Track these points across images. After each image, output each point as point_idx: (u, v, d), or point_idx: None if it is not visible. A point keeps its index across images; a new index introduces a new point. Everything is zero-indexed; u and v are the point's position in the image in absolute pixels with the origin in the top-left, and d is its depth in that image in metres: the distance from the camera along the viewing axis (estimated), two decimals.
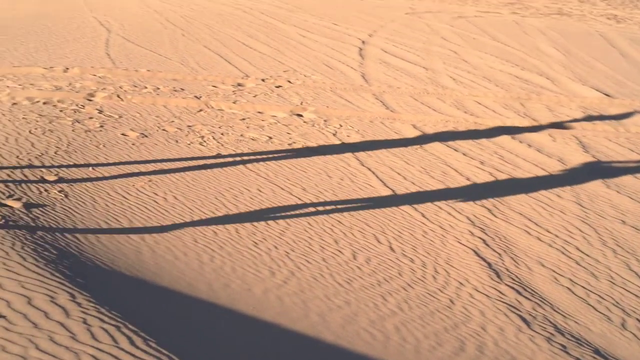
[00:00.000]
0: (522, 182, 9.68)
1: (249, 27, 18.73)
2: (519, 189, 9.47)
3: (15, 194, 7.44)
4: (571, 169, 10.33)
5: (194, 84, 13.03)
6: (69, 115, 10.52)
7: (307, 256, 7.20)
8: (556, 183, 9.78)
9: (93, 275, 5.93)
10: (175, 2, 21.75)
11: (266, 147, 10.11)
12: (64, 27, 17.71)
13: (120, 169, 8.76)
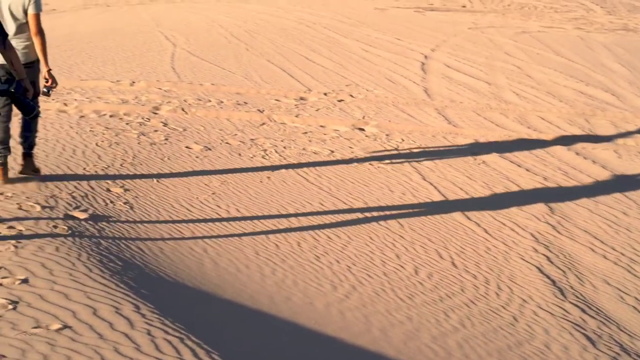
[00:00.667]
0: (587, 199, 9.55)
1: (312, 41, 18.82)
2: (584, 205, 9.35)
3: (81, 206, 7.57)
4: (637, 185, 10.16)
5: (257, 97, 13.13)
6: (135, 128, 10.67)
7: (369, 270, 7.19)
8: (622, 200, 9.63)
9: (157, 286, 5.99)
10: (240, 16, 21.95)
11: (328, 161, 10.14)
12: (131, 42, 18.00)
13: (184, 182, 8.85)
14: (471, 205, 9.07)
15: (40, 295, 5.31)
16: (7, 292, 5.33)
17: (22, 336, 4.75)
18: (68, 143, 9.58)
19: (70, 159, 8.99)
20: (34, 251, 6.08)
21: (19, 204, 7.25)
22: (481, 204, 9.16)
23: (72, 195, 7.81)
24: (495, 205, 9.14)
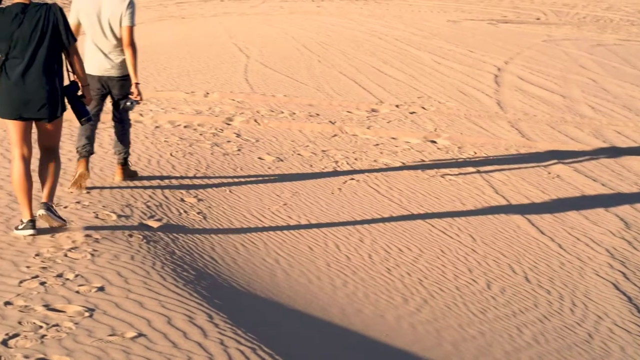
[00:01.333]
0: None
1: (383, 53, 18.81)
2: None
3: (156, 215, 7.67)
4: None
5: (329, 109, 13.17)
6: (208, 138, 10.79)
7: (441, 284, 7.14)
8: None
9: (230, 296, 6.03)
10: (312, 29, 22.06)
11: (399, 173, 10.11)
12: (205, 53, 18.22)
13: (256, 192, 8.91)
14: (545, 220, 8.94)
15: (116, 303, 5.39)
16: (83, 299, 5.43)
17: (98, 343, 4.83)
18: (143, 153, 9.73)
19: (145, 168, 9.13)
20: (110, 259, 6.18)
21: (96, 212, 7.38)
22: (555, 218, 9.03)
23: (147, 204, 7.93)
24: (569, 220, 9.00)
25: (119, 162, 8.52)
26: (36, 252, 6.27)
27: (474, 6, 30.15)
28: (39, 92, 6.57)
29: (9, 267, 5.96)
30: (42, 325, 5.03)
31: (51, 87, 6.62)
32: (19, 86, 6.55)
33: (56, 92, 6.65)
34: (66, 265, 6.02)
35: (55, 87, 6.65)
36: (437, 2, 30.53)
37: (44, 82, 6.58)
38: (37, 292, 5.51)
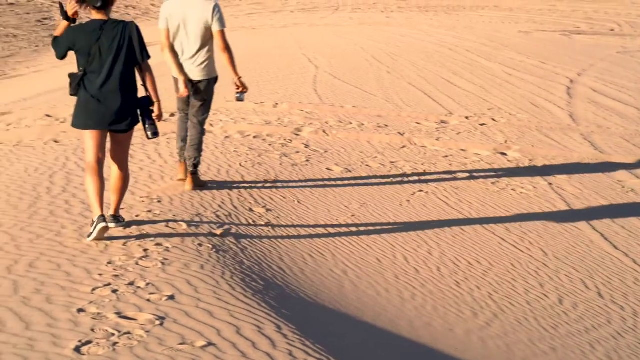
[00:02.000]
0: None
1: (453, 64, 18.69)
2: None
3: (225, 225, 7.71)
4: None
5: (397, 120, 13.11)
6: (277, 149, 10.83)
7: (511, 298, 7.04)
8: None
9: (298, 307, 6.03)
10: (382, 39, 22.03)
11: (469, 186, 10.01)
12: (275, 64, 18.32)
13: (325, 203, 8.91)
14: (618, 234, 8.77)
15: (186, 312, 5.43)
16: (154, 308, 5.48)
17: (168, 352, 4.87)
18: (213, 163, 9.81)
19: (214, 178, 9.20)
20: (180, 268, 6.23)
21: (166, 221, 7.46)
22: (629, 233, 8.84)
23: (217, 214, 7.98)
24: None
25: (188, 169, 8.57)
26: (108, 260, 6.35)
27: (546, 17, 29.79)
28: (115, 105, 6.80)
29: (82, 274, 6.05)
30: (114, 332, 5.09)
31: (126, 100, 6.85)
32: (96, 99, 6.78)
33: (130, 106, 6.89)
34: (137, 273, 6.09)
35: (130, 100, 6.89)
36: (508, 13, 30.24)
37: (119, 96, 6.81)
38: (109, 300, 5.58)
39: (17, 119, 12.36)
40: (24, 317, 5.33)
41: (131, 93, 6.90)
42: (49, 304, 5.52)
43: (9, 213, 7.63)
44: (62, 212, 7.64)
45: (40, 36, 24.05)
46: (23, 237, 6.94)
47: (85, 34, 6.77)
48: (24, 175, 9.00)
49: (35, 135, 11.10)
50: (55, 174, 9.01)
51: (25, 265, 6.25)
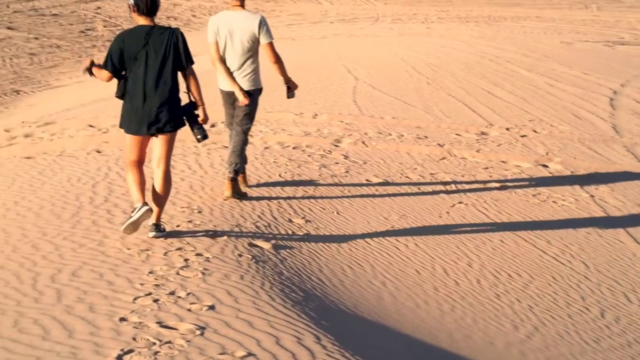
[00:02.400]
0: None
1: (494, 75, 18.60)
2: None
3: (265, 235, 7.75)
4: None
5: (437, 131, 13.08)
6: (317, 160, 10.86)
7: (552, 311, 6.99)
8: None
9: (337, 318, 6.04)
10: (422, 50, 21.99)
11: (509, 197, 9.96)
12: (315, 75, 18.36)
13: (364, 215, 8.91)
14: None
15: (226, 322, 5.46)
16: (195, 317, 5.52)
17: None
18: (253, 174, 9.85)
19: (254, 189, 9.24)
20: (220, 279, 6.27)
21: (207, 232, 7.51)
22: None
23: (256, 224, 8.02)
24: None
25: (229, 174, 8.64)
26: (150, 269, 6.41)
27: (588, 27, 29.57)
28: (159, 109, 7.00)
29: (124, 283, 6.11)
30: (155, 342, 5.14)
31: (169, 104, 7.04)
32: (140, 103, 7.00)
33: (173, 110, 7.07)
34: (178, 283, 6.14)
35: (173, 104, 7.07)
36: (550, 23, 30.05)
37: (163, 100, 7.01)
38: (151, 309, 5.63)
39: (61, 129, 12.52)
40: (67, 326, 5.39)
41: (174, 97, 7.08)
42: (92, 313, 5.58)
43: (53, 222, 7.74)
44: (104, 222, 7.72)
45: (83, 47, 24.34)
46: (66, 246, 7.03)
47: (133, 39, 7.00)
48: (67, 185, 9.12)
49: (78, 145, 11.24)
50: (98, 184, 9.12)
51: (68, 274, 6.33)
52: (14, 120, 14.92)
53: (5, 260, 6.79)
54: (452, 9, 31.84)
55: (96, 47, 24.49)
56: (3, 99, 18.75)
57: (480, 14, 30.62)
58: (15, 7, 28.91)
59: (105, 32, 26.29)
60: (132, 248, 6.92)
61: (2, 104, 18.37)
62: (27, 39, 24.68)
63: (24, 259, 6.76)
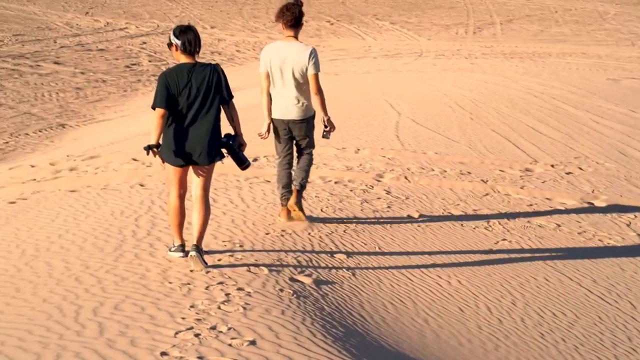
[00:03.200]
0: None
1: (538, 111, 18.47)
2: None
3: (306, 270, 7.72)
4: None
5: (480, 167, 13.00)
6: (358, 195, 10.82)
7: (598, 352, 6.86)
8: None
9: (378, 355, 5.98)
10: (466, 85, 21.93)
11: (554, 235, 9.83)
12: (358, 110, 18.37)
13: (405, 251, 8.85)
14: None
15: (267, 357, 5.43)
16: (236, 352, 5.49)
17: None
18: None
19: (296, 224, 9.21)
20: (261, 313, 6.25)
21: (248, 266, 7.49)
22: None
23: (298, 259, 7.99)
24: None
25: (295, 187, 8.92)
26: (191, 303, 6.41)
27: (636, 65, 29.28)
28: (200, 140, 7.33)
29: (166, 317, 6.11)
30: None
31: (211, 136, 7.37)
32: (183, 135, 7.33)
33: (214, 141, 7.40)
34: (219, 317, 6.12)
35: (214, 136, 7.40)
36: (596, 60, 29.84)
37: (204, 132, 7.35)
38: (192, 344, 5.62)
39: (105, 163, 12.64)
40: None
41: (214, 130, 7.39)
42: (133, 347, 5.58)
43: (96, 255, 7.78)
44: (147, 255, 7.75)
45: (128, 81, 24.65)
46: (108, 279, 7.06)
47: (177, 76, 7.32)
48: (111, 218, 9.18)
49: (122, 178, 11.33)
50: (141, 217, 9.17)
51: (110, 308, 6.34)
52: (59, 153, 15.11)
53: (48, 293, 6.84)
54: (496, 45, 31.76)
55: (141, 81, 24.78)
56: (49, 133, 19.01)
57: (524, 50, 30.50)
58: (62, 42, 29.39)
59: (150, 67, 26.60)
60: (173, 282, 6.93)
61: (48, 137, 18.63)
62: (74, 74, 25.05)
63: (66, 292, 6.79)
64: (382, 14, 38.42)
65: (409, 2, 41.95)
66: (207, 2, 39.40)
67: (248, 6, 39.05)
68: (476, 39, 33.35)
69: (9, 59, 26.19)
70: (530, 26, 36.03)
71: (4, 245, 8.49)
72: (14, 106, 21.18)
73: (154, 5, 38.01)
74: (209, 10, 37.43)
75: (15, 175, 12.67)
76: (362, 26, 35.31)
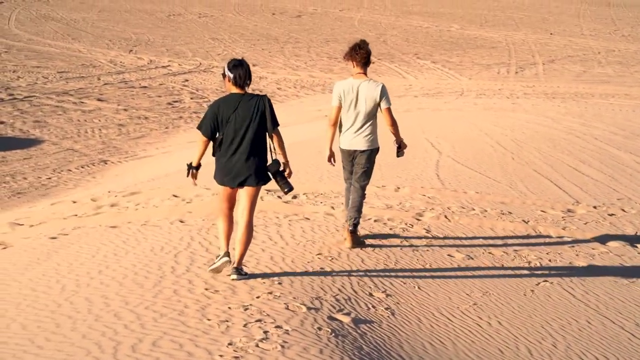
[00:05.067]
0: None
1: (581, 152, 18.32)
2: None
3: (345, 309, 7.67)
4: None
5: (522, 207, 12.89)
6: (398, 233, 10.77)
7: None
8: None
9: None
10: (507, 125, 21.83)
11: (597, 277, 9.69)
12: None
13: (445, 290, 8.77)
14: None
15: None
16: None
17: None
18: (334, 246, 9.82)
19: (335, 261, 9.19)
20: (299, 352, 6.21)
21: (286, 304, 7.47)
22: None
23: (336, 297, 7.95)
24: None
25: (349, 228, 9.59)
26: (229, 341, 6.39)
27: None
28: (246, 165, 8.02)
29: (204, 355, 6.09)
30: None
31: (256, 161, 8.05)
32: (231, 160, 8.05)
33: (259, 166, 8.08)
34: (257, 355, 6.10)
35: (259, 162, 8.08)
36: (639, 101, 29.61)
37: (250, 157, 8.04)
38: None
39: (146, 199, 12.73)
40: None
41: (260, 155, 8.08)
42: None
43: (135, 291, 7.81)
44: (186, 292, 7.76)
45: (170, 118, 24.89)
46: (147, 315, 7.07)
47: (226, 105, 8.04)
48: (150, 254, 9.22)
49: (162, 214, 11.39)
50: (180, 254, 9.19)
51: (149, 344, 6.35)
52: (101, 189, 15.25)
53: (87, 329, 6.86)
54: (538, 84, 31.64)
55: (182, 118, 25.01)
56: (91, 169, 19.22)
57: (567, 91, 30.34)
58: (106, 79, 29.80)
59: (192, 104, 26.86)
60: (212, 319, 6.92)
61: (90, 173, 18.83)
62: (117, 110, 25.36)
63: (106, 328, 6.81)
64: (423, 53, 38.51)
65: (450, 41, 42.03)
66: (249, 41, 39.80)
67: (290, 45, 39.37)
68: (518, 78, 33.26)
69: (53, 95, 26.60)
70: (572, 67, 35.87)
71: (45, 280, 8.56)
72: (57, 142, 21.48)
73: (197, 43, 38.46)
74: (251, 48, 37.79)
75: (57, 211, 12.80)
76: (403, 65, 35.41)
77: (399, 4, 55.93)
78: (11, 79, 28.56)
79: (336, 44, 39.86)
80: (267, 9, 51.06)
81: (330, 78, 32.09)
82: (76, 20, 42.63)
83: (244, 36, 41.02)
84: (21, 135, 21.92)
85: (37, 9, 45.24)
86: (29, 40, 36.26)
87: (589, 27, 47.55)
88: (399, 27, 45.86)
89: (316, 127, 21.30)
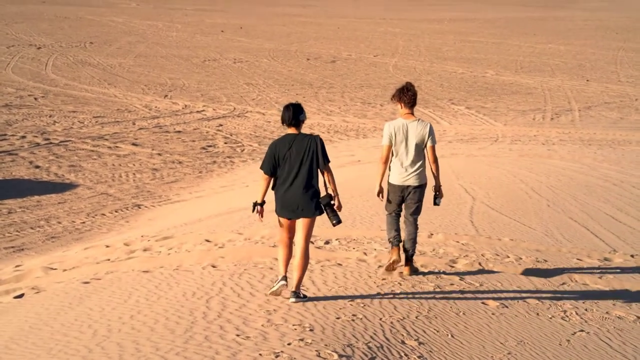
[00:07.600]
0: None
1: (618, 199, 18.10)
2: None
3: (377, 357, 7.58)
4: None
5: (557, 255, 12.72)
6: (431, 280, 10.65)
7: None
8: None
9: None
10: (542, 172, 21.68)
11: (634, 328, 9.50)
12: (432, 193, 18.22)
13: (479, 339, 8.64)
14: None
15: None
16: None
17: None
18: (366, 292, 9.74)
19: (367, 308, 9.10)
20: None
21: (318, 351, 7.39)
22: None
23: (368, 345, 7.86)
24: None
25: (406, 259, 10.47)
26: None
27: None
28: (303, 198, 8.89)
29: None
30: None
31: (308, 196, 8.90)
32: (288, 193, 8.91)
33: (311, 199, 8.92)
34: None
35: (312, 196, 8.92)
36: None
37: (304, 192, 8.89)
38: None
39: (178, 244, 12.73)
40: None
41: (313, 190, 8.94)
42: None
43: (166, 337, 7.76)
44: (217, 338, 7.70)
45: (204, 163, 25.01)
46: None
47: (282, 144, 8.97)
48: (182, 300, 9.19)
49: (194, 259, 11.38)
50: (212, 299, 9.15)
51: None
52: (134, 234, 15.29)
53: None
54: (574, 131, 31.44)
55: (216, 163, 25.12)
56: (125, 213, 19.31)
57: (603, 137, 30.12)
58: (140, 124, 30.06)
59: (226, 149, 26.98)
60: None
61: (124, 217, 18.91)
62: (151, 155, 25.53)
63: None
64: (457, 98, 38.49)
65: (485, 87, 41.99)
66: (283, 86, 40.05)
67: (324, 90, 39.54)
68: (554, 124, 33.10)
69: (88, 140, 26.87)
70: (609, 113, 35.65)
71: (77, 325, 8.55)
72: (91, 187, 21.63)
73: (232, 88, 38.75)
74: (285, 93, 38.00)
75: (90, 255, 12.84)
76: (437, 110, 35.39)
77: (434, 49, 56.13)
78: (47, 123, 28.90)
79: (370, 89, 40.00)
80: (301, 54, 51.44)
81: (364, 123, 32.15)
82: (112, 65, 43.18)
83: (278, 81, 41.29)
84: (56, 179, 22.11)
85: (74, 55, 45.92)
86: (65, 85, 36.75)
87: (626, 74, 47.32)
88: (434, 73, 45.95)
89: (349, 172, 21.28)
